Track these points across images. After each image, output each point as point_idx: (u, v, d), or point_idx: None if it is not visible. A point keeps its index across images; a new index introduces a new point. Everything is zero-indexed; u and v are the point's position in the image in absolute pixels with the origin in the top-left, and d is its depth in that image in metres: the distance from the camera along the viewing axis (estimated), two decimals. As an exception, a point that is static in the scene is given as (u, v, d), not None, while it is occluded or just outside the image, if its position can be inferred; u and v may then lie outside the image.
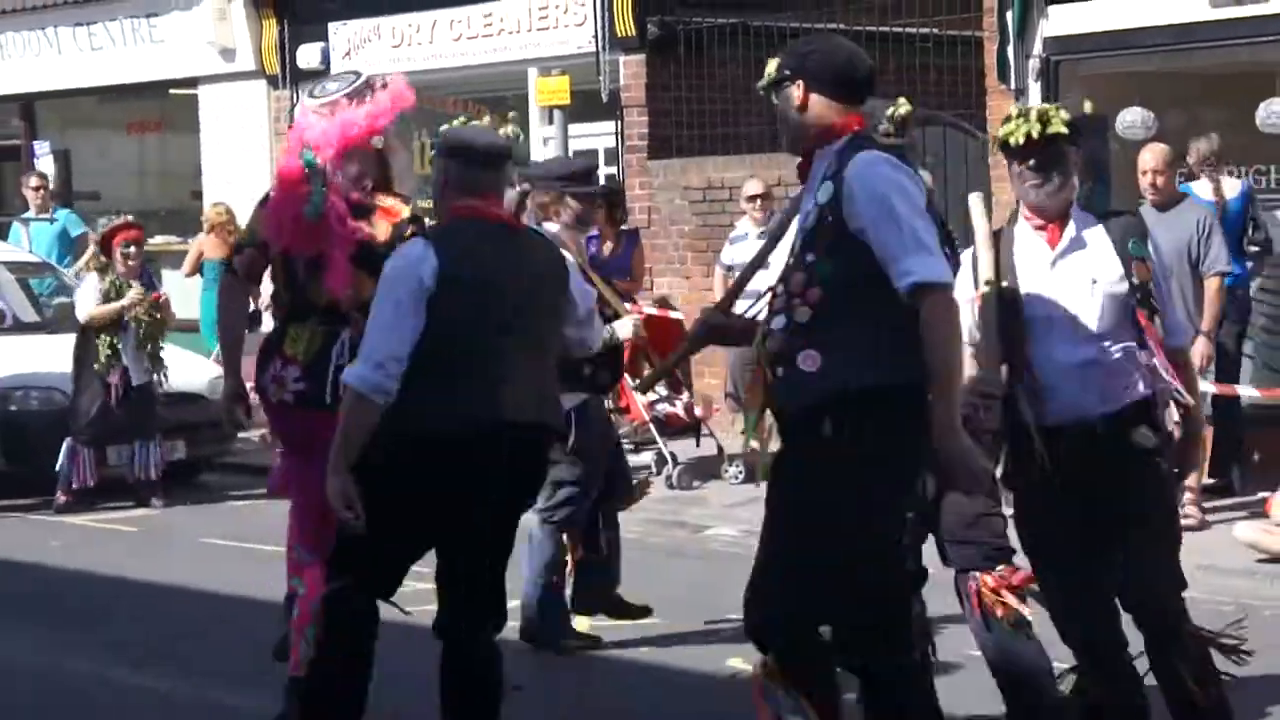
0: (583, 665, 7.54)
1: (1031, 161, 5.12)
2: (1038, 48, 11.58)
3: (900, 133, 5.59)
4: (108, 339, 11.49)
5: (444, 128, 6.56)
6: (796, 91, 4.86)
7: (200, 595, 9.07)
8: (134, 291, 11.55)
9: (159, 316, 11.79)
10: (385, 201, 6.12)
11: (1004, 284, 5.15)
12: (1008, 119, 5.20)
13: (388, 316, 5.19)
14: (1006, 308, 5.11)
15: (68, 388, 11.73)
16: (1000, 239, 5.27)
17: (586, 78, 13.82)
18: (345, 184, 6.00)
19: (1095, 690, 5.39)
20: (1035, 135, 5.07)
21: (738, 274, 11.29)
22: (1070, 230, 5.18)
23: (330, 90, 6.16)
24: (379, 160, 6.13)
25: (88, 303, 11.61)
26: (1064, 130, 5.09)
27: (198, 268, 14.60)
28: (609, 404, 11.92)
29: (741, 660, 6.48)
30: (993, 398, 5.06)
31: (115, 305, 11.49)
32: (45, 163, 18.43)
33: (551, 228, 7.08)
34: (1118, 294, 5.08)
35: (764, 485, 4.93)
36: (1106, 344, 5.10)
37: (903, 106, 5.62)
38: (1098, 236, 5.18)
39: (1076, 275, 5.12)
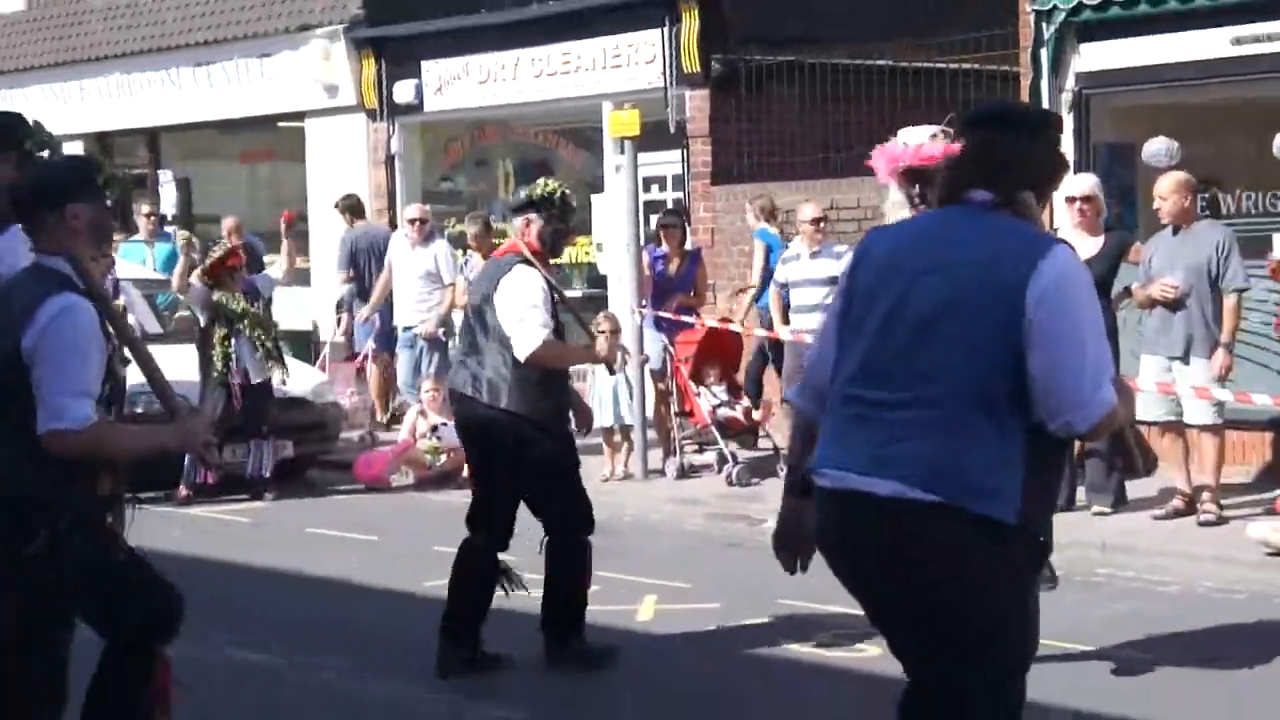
0: (652, 647, 7.41)
1: None
2: (1070, 82, 11.40)
3: None
4: (222, 348, 11.50)
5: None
6: None
7: (307, 580, 9.04)
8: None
9: (264, 318, 11.80)
10: None
11: None
12: None
13: None
14: None
15: (188, 391, 11.68)
16: None
17: (655, 111, 13.75)
18: None
19: None
20: None
21: (797, 289, 11.35)
22: None
23: None
24: None
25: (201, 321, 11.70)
26: None
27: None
28: (675, 408, 12.01)
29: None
30: None
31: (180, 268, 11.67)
32: (168, 190, 18.58)
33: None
34: None
35: None
36: None
37: None
38: None
39: None
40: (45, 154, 5.65)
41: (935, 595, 3.75)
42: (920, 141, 6.16)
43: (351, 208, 15.33)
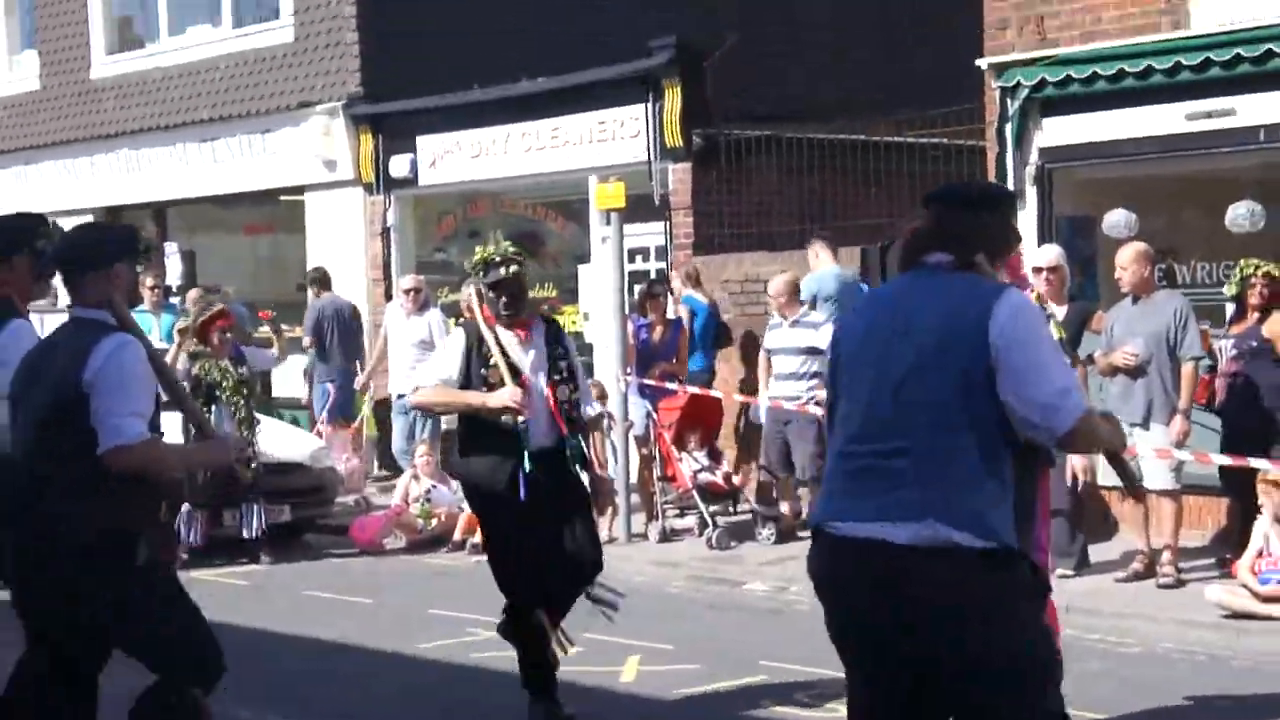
0: (635, 707, 7.46)
1: None
2: (1034, 156, 11.49)
3: None
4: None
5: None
6: None
7: (305, 641, 9.06)
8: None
9: (244, 387, 11.66)
10: None
11: None
12: None
13: None
14: None
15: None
16: None
17: (640, 184, 13.82)
18: None
19: None
20: None
21: (776, 357, 11.45)
22: None
23: None
24: None
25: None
26: None
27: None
28: (658, 472, 12.08)
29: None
30: None
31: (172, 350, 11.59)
32: (174, 261, 18.62)
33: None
34: None
35: (792, 544, 4.77)
36: None
37: None
38: None
39: None
40: (145, 252, 5.96)
41: (966, 636, 3.93)
42: None
43: (318, 279, 15.62)
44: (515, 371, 6.72)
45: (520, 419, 6.61)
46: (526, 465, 6.58)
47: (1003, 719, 3.99)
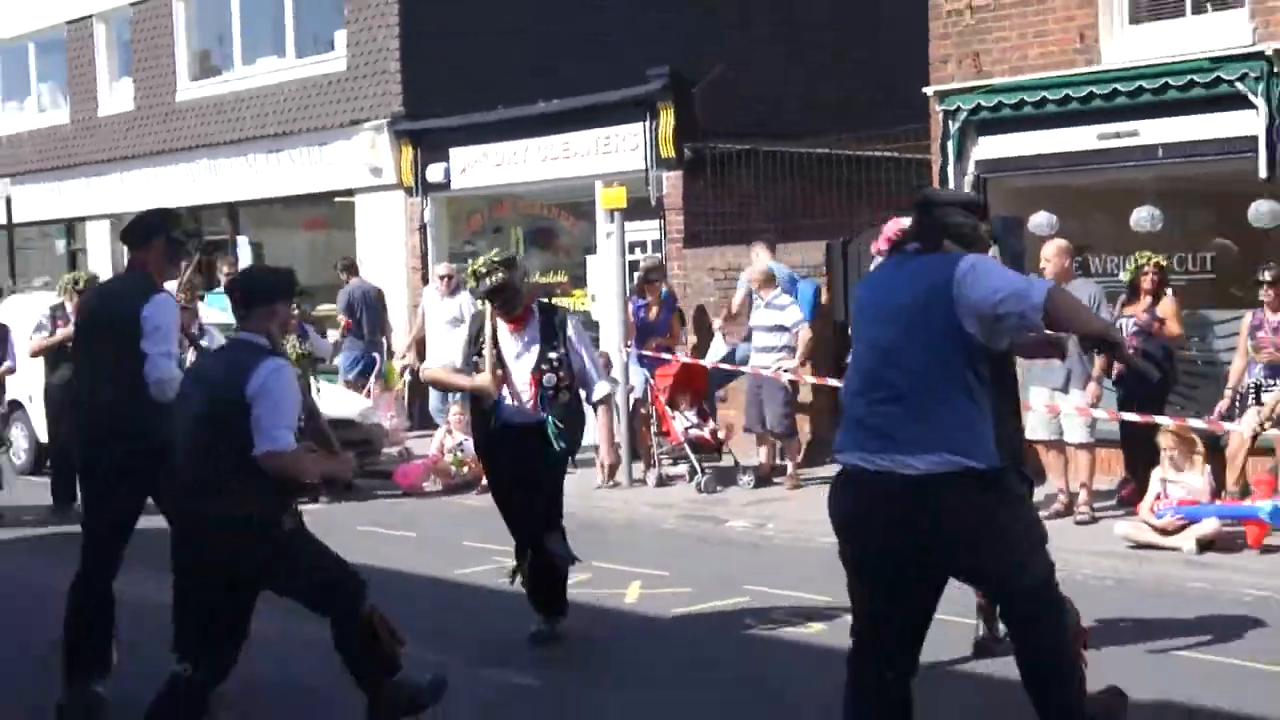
0: (639, 624, 7.38)
1: None
2: (971, 167, 11.41)
3: None
4: None
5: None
6: None
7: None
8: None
9: (307, 360, 11.66)
10: None
11: None
12: None
13: None
14: None
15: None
16: None
17: (639, 188, 13.73)
18: None
19: None
20: None
21: (755, 332, 11.36)
22: None
23: None
24: None
25: None
26: None
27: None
28: (654, 428, 11.98)
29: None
30: None
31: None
32: (244, 252, 18.51)
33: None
34: None
35: (769, 489, 4.86)
36: None
37: None
38: None
39: None
40: (193, 239, 6.24)
41: (977, 550, 4.07)
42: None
43: (348, 267, 15.43)
44: (501, 361, 6.71)
45: (491, 400, 6.69)
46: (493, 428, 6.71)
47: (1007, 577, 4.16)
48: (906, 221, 6.01)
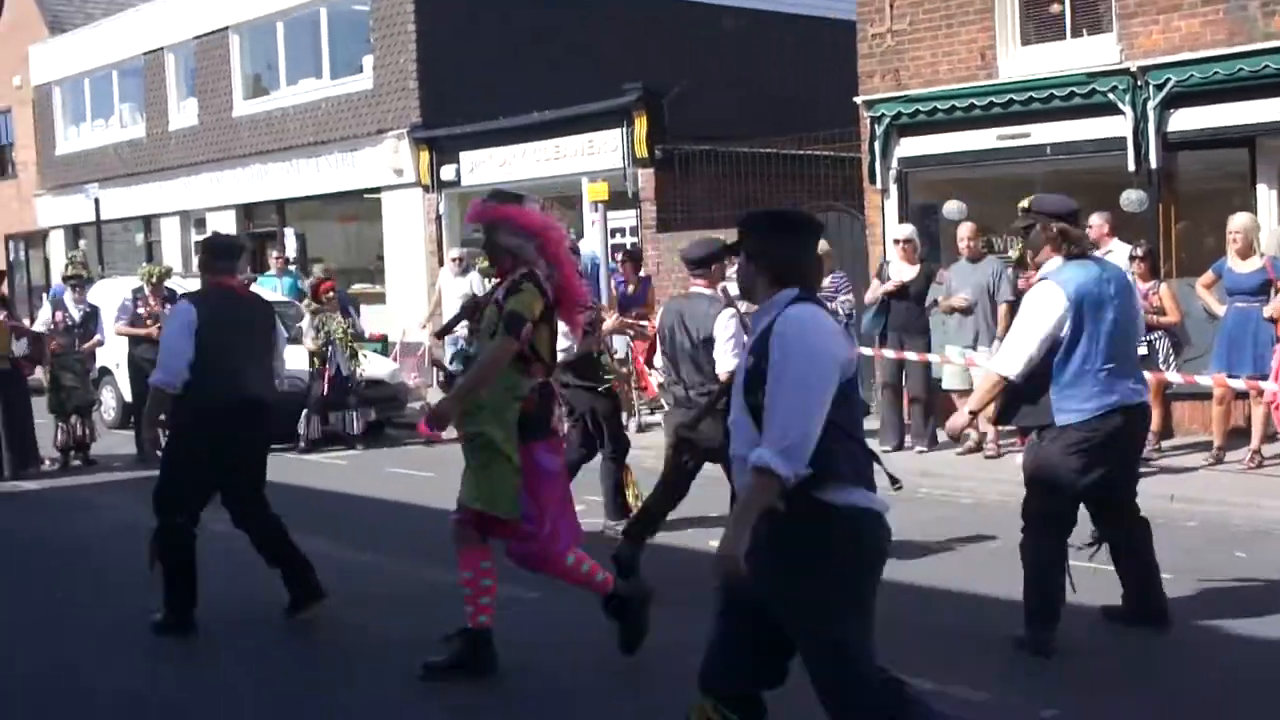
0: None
1: None
2: (894, 164, 11.38)
3: None
4: (320, 352, 11.40)
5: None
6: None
7: (389, 504, 8.93)
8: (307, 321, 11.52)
9: (352, 332, 11.64)
10: None
11: None
12: None
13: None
14: None
15: (302, 376, 11.57)
16: None
17: (618, 183, 13.72)
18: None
19: None
20: None
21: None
22: None
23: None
24: None
25: (310, 333, 11.52)
26: None
27: None
28: (634, 384, 11.91)
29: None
30: None
31: (306, 343, 11.35)
32: (290, 241, 18.33)
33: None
34: None
35: None
36: None
37: None
38: None
39: None
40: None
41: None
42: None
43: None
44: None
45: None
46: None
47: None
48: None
